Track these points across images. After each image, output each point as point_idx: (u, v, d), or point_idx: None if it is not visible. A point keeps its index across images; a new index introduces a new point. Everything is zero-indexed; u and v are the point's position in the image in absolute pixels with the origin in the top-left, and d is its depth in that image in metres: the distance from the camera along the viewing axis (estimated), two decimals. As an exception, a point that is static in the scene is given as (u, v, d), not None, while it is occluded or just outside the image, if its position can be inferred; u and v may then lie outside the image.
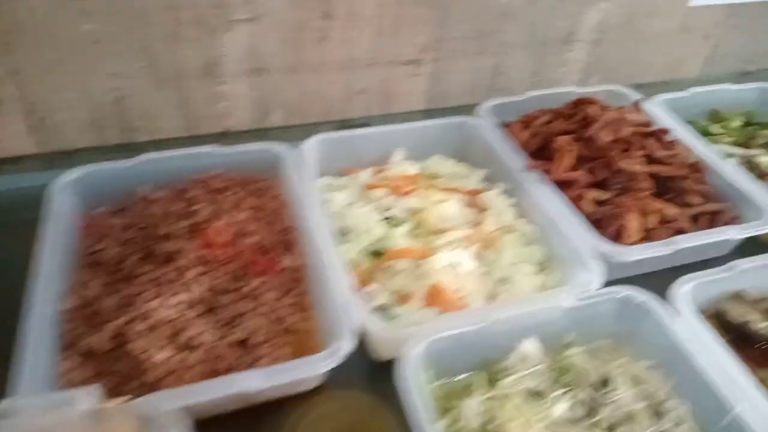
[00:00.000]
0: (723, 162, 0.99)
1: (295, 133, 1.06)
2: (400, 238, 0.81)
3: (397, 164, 0.97)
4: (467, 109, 1.08)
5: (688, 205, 0.95)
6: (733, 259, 0.81)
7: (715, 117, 1.20)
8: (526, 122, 1.04)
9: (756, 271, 0.79)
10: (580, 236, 0.80)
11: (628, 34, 1.29)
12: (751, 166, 1.03)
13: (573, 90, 1.14)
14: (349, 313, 0.65)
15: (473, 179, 0.98)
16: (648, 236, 0.87)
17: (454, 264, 0.78)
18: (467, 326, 0.65)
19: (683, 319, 0.70)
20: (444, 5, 1.09)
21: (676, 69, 1.43)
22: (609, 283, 0.74)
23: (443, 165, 1.00)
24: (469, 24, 1.14)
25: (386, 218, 0.85)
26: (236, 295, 0.72)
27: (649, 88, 1.41)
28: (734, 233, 0.85)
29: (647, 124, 1.03)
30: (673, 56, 1.40)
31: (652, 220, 0.89)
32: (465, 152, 1.04)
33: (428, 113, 1.25)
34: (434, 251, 0.79)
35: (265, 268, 0.75)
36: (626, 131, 0.99)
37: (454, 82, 1.23)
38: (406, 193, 0.88)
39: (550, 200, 0.87)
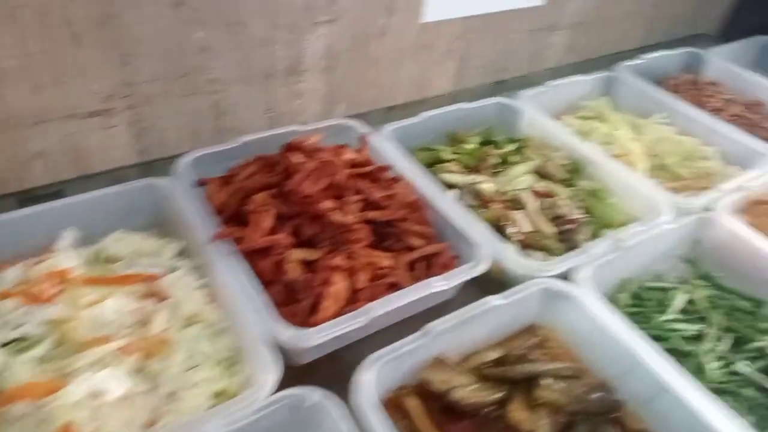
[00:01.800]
0: (443, 196, 0.93)
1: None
2: (23, 368, 0.62)
3: (60, 252, 0.78)
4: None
5: (409, 248, 0.88)
6: (463, 299, 0.77)
7: (453, 139, 1.16)
8: (228, 178, 0.90)
9: (453, 332, 0.72)
10: (258, 322, 0.67)
11: (361, 57, 1.21)
12: (475, 193, 0.98)
13: (296, 129, 1.02)
14: None
15: (165, 257, 0.82)
16: (354, 299, 0.77)
17: (97, 392, 0.61)
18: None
19: (366, 414, 0.59)
20: (117, 45, 0.91)
21: (425, 87, 1.39)
22: (303, 369, 0.62)
23: (126, 243, 0.82)
24: (161, 63, 0.97)
25: (12, 341, 0.65)
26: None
27: (403, 109, 1.36)
28: (440, 284, 0.78)
29: (365, 164, 0.95)
30: (418, 75, 1.35)
31: (363, 278, 0.80)
32: (158, 222, 0.87)
33: (145, 167, 1.06)
34: (70, 380, 0.61)
35: None
36: (340, 175, 0.89)
37: (166, 128, 1.05)
38: (48, 299, 0.69)
39: (237, 277, 0.73)
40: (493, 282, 0.85)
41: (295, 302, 0.75)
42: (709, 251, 0.99)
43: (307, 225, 0.83)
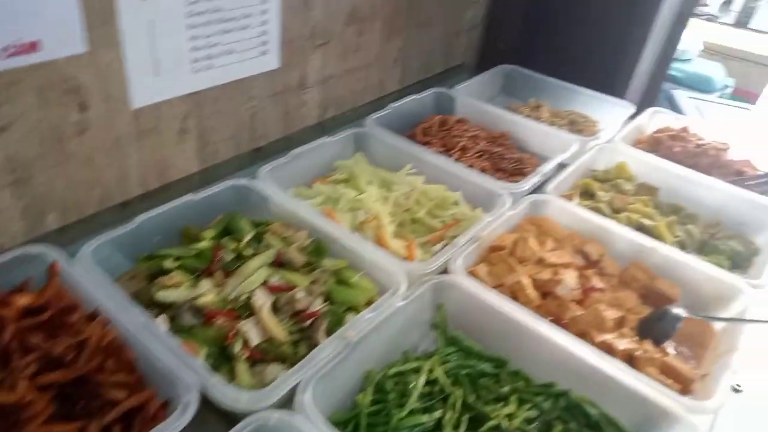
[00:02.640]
0: (151, 325, 0.80)
1: None
2: None
3: None
4: None
5: (112, 403, 0.73)
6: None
7: (186, 237, 1.04)
8: None
9: None
10: None
11: (63, 159, 1.04)
12: (196, 310, 0.87)
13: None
14: None
15: None
16: None
17: None
18: None
19: None
20: None
21: (165, 172, 1.23)
22: None
23: None
24: None
25: None
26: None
27: (143, 200, 1.21)
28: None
29: (45, 308, 0.79)
30: (152, 162, 1.20)
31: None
32: None
33: None
34: None
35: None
36: (4, 335, 0.72)
37: None
38: None
39: None
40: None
41: None
42: (452, 313, 0.99)
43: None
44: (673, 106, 2.57)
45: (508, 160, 1.46)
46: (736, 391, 0.96)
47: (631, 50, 1.86)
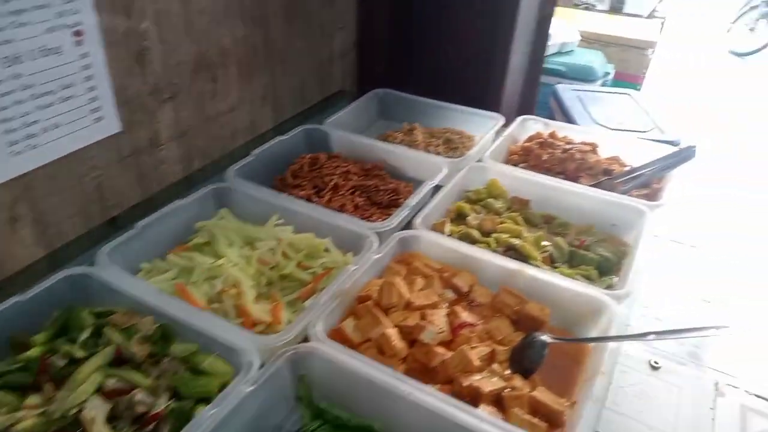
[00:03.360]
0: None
1: None
2: None
3: None
4: None
5: None
6: None
7: (15, 346, 0.94)
8: None
9: None
10: None
11: None
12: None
13: None
14: None
15: None
16: None
17: None
18: None
19: None
20: None
21: (5, 264, 1.13)
22: None
23: None
24: None
25: None
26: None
27: None
28: None
29: None
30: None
31: None
32: None
33: None
34: None
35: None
36: None
37: None
38: None
39: None
40: None
41: None
42: (317, 383, 0.93)
43: None
44: (558, 102, 2.65)
45: (384, 192, 1.43)
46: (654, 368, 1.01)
47: (498, 59, 1.88)
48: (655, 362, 1.12)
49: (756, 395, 2.19)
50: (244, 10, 1.51)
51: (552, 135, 1.64)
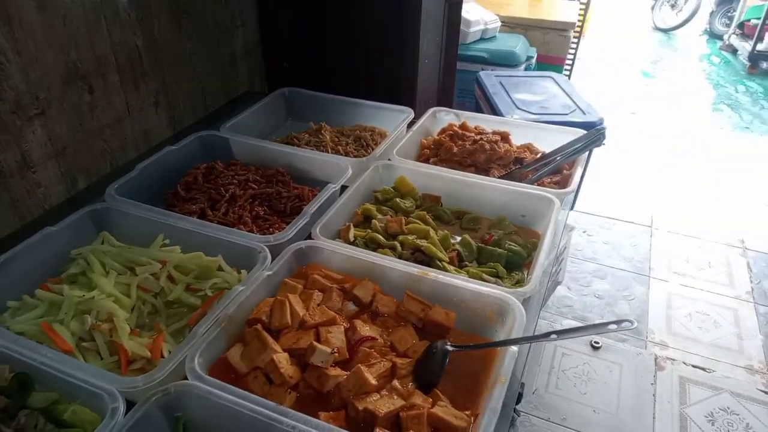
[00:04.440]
0: None
1: None
2: None
3: None
4: None
5: None
6: None
7: None
8: None
9: None
10: None
11: None
12: None
13: None
14: None
15: None
16: None
17: None
18: None
19: None
20: None
21: None
22: None
23: None
24: None
25: None
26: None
27: None
28: None
29: None
30: None
31: None
32: None
33: None
34: None
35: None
36: None
37: None
38: None
39: None
40: None
41: None
42: (198, 424, 0.84)
43: None
44: (482, 88, 2.62)
45: (287, 199, 1.34)
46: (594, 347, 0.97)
47: (408, 51, 1.81)
48: (596, 342, 1.08)
49: (693, 366, 2.24)
50: (118, 13, 1.38)
51: (463, 126, 1.59)
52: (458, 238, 1.24)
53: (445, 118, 1.68)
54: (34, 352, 0.87)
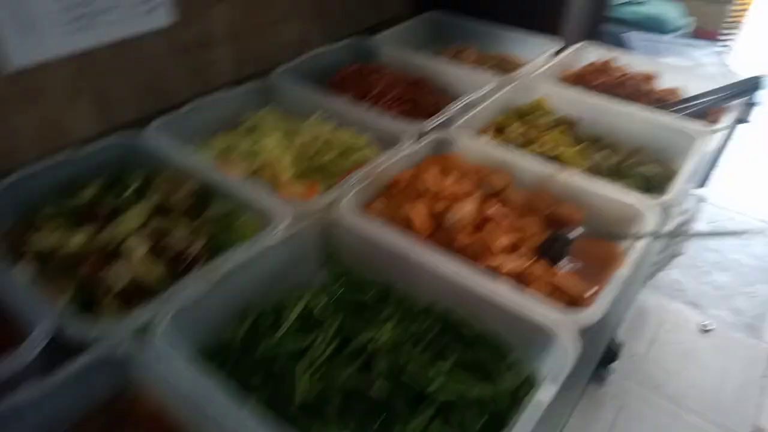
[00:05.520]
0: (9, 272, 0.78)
1: None
2: None
3: None
4: None
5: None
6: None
7: (70, 193, 1.01)
8: None
9: None
10: None
11: None
12: (67, 257, 0.84)
13: None
14: None
15: None
16: None
17: None
18: None
19: None
20: None
21: (59, 137, 1.20)
22: None
23: None
24: None
25: None
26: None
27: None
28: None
29: None
30: (41, 126, 1.16)
31: None
32: None
33: None
34: None
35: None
36: None
37: None
38: None
39: None
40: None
41: None
42: (342, 251, 0.96)
43: None
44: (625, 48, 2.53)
45: (427, 103, 1.43)
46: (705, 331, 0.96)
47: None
48: (706, 325, 1.05)
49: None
50: None
51: (607, 63, 1.57)
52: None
53: (592, 54, 1.66)
54: (216, 174, 1.03)
